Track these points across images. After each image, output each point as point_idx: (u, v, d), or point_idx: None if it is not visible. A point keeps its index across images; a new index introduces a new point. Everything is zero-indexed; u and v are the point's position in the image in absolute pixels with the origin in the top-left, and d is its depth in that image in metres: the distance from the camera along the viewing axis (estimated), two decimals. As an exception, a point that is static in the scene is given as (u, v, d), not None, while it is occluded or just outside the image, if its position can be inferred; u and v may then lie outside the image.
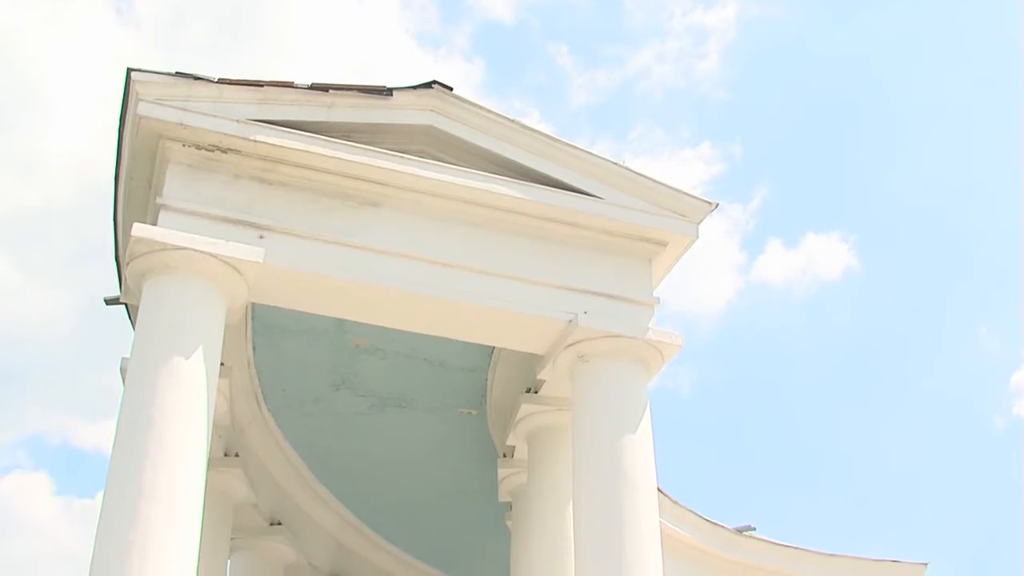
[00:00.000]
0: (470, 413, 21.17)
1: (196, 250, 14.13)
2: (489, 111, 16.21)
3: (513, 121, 16.25)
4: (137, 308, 14.57)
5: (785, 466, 63.68)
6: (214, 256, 14.22)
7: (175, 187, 14.61)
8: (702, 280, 62.50)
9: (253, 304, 16.80)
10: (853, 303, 61.93)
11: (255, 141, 14.78)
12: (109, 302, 17.34)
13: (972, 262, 58.74)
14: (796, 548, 28.18)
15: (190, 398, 13.60)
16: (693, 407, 63.14)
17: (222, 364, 14.88)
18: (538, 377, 17.05)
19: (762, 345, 62.44)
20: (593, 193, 16.21)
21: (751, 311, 63.81)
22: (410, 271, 15.26)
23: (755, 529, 27.89)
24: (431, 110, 16.01)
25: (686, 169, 62.26)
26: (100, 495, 13.29)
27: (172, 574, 12.66)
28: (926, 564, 29.40)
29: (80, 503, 61.41)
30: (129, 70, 14.49)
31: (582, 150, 16.35)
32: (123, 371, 15.26)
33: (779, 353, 62.55)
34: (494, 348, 18.79)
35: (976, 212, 58.55)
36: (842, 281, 62.44)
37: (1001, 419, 61.74)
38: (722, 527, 26.76)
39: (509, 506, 20.44)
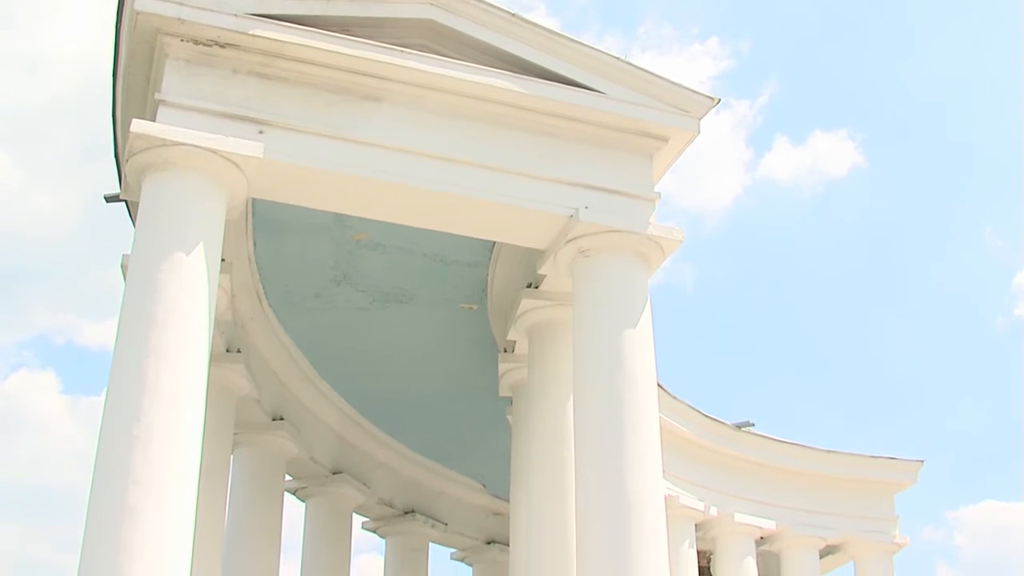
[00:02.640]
0: (471, 308, 21.22)
1: (195, 145, 14.03)
2: (490, 4, 16.00)
3: (515, 15, 16.07)
4: (137, 205, 14.52)
5: (786, 363, 64.15)
6: (213, 151, 14.13)
7: (174, 83, 14.47)
8: (708, 177, 62.49)
9: (253, 200, 16.76)
10: (859, 201, 61.93)
11: (254, 36, 14.61)
12: (109, 199, 17.28)
13: (979, 162, 58.66)
14: (794, 444, 28.49)
15: (191, 294, 13.60)
16: (696, 304, 63.44)
17: (223, 260, 14.86)
18: (539, 272, 17.04)
19: (767, 242, 62.55)
20: (595, 88, 16.08)
21: (757, 208, 63.86)
22: (410, 166, 15.18)
23: (754, 425, 28.16)
24: (431, 3, 15.80)
25: (694, 65, 62.03)
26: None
27: (175, 469, 12.77)
28: (922, 461, 29.74)
29: (87, 400, 61.91)
30: (125, -36, 14.31)
31: (584, 44, 16.20)
32: (124, 268, 15.26)
33: (784, 250, 62.68)
34: (495, 243, 18.79)
35: (985, 112, 58.39)
36: (848, 179, 62.40)
37: (1003, 319, 62.03)
38: (721, 423, 27.01)
39: (509, 401, 20.59)
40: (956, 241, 61.25)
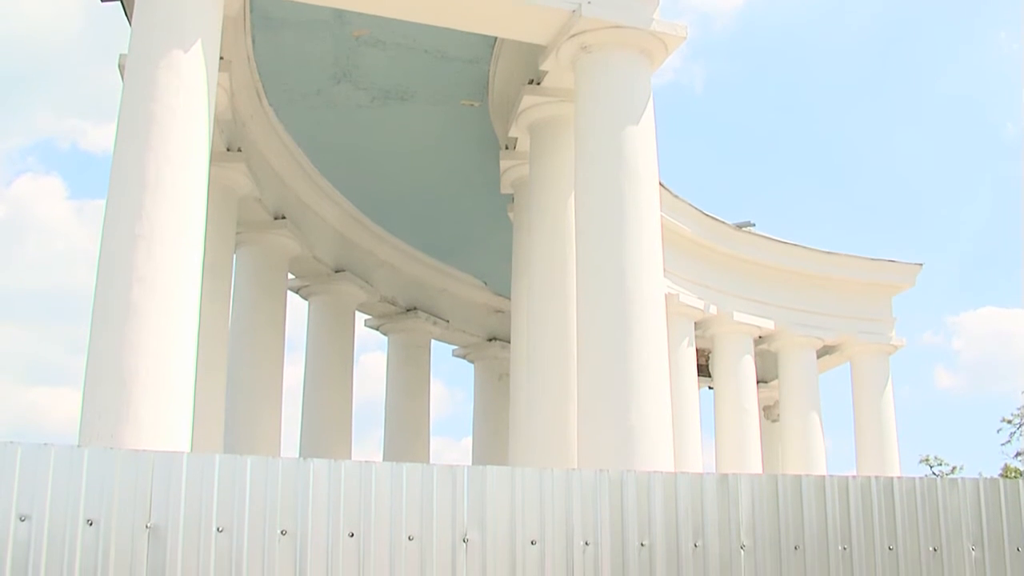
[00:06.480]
0: (472, 105, 21.11)
1: (189, -62, 13.80)
2: None
3: None
4: (133, 3, 14.30)
5: (793, 165, 63.98)
6: (208, -56, 13.91)
7: None
8: (720, -25, 61.42)
9: (251, -5, 16.56)
10: (873, 2, 60.97)
11: None
12: (104, -1, 17.01)
13: (998, -39, 57.52)
14: (794, 244, 28.56)
15: (190, 92, 13.51)
16: (705, 104, 62.98)
17: (221, 58, 14.74)
18: (540, 68, 16.93)
19: (777, 43, 61.77)
20: None
21: (768, 8, 62.90)
22: (410, -40, 14.96)
23: (754, 225, 28.17)
24: None
25: None
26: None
27: (179, 266, 12.88)
28: (920, 264, 29.88)
29: (93, 204, 61.72)
30: None
31: None
32: (121, 68, 15.10)
33: (794, 52, 61.97)
34: (496, 39, 18.59)
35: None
36: (863, -22, 61.27)
37: (1012, 126, 61.52)
38: (722, 222, 27.04)
39: (511, 198, 20.64)
40: (969, 44, 60.47)
